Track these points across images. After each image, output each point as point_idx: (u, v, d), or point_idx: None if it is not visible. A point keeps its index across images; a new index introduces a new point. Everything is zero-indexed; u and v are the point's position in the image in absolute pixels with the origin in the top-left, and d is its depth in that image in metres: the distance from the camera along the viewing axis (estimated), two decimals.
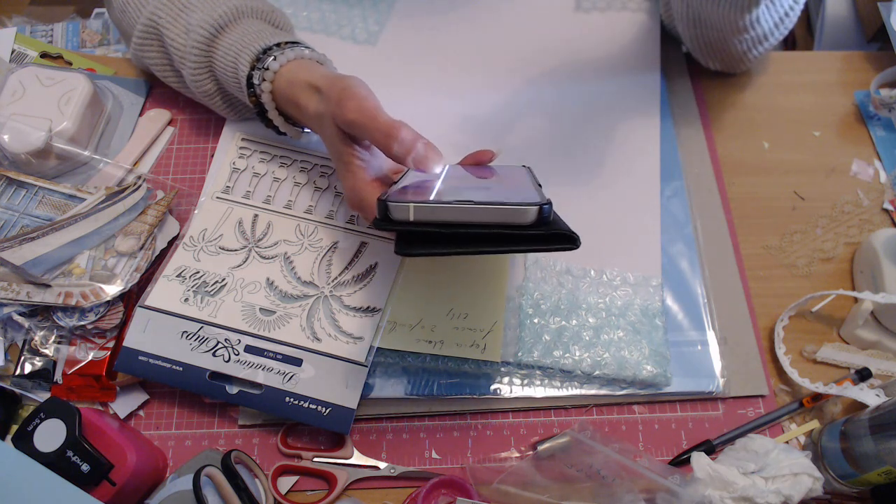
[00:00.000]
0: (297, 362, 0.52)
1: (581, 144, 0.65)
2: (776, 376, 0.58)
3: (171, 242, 0.59)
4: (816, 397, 0.55)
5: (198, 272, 0.56)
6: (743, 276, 0.61)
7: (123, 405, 0.55)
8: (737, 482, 0.48)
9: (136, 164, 0.65)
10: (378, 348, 0.53)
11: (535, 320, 0.55)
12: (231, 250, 0.57)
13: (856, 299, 0.59)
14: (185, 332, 0.53)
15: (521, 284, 0.57)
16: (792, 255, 0.63)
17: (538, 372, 0.54)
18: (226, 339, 0.53)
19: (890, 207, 0.65)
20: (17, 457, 0.44)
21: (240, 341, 0.53)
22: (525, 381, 0.55)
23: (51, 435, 0.46)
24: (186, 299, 0.54)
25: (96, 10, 0.77)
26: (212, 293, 0.55)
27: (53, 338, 0.55)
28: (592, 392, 0.55)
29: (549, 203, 0.38)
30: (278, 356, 0.52)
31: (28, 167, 0.61)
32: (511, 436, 0.55)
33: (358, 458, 0.53)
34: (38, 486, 0.43)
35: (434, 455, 0.54)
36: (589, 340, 0.55)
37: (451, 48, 0.70)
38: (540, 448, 0.53)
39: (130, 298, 0.57)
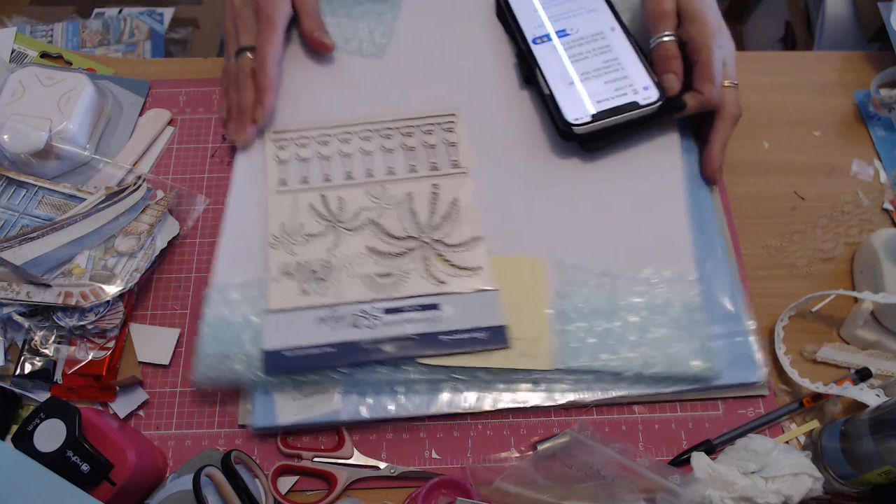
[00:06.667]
0: (435, 307, 0.54)
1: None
2: (776, 376, 0.58)
3: (172, 242, 0.59)
4: (816, 397, 0.55)
5: (300, 264, 0.56)
6: (743, 276, 0.61)
7: (123, 405, 0.55)
8: (737, 482, 0.48)
9: (136, 164, 0.65)
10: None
11: (579, 324, 0.54)
12: (318, 234, 0.57)
13: (856, 299, 0.59)
14: (320, 318, 0.54)
15: (561, 289, 0.56)
16: (792, 255, 0.63)
17: (587, 377, 0.54)
18: (362, 311, 0.54)
19: (890, 207, 0.65)
20: (17, 457, 0.44)
21: (374, 308, 0.54)
22: (573, 387, 0.54)
23: (51, 435, 0.46)
24: (304, 291, 0.55)
25: (96, 10, 0.77)
26: (324, 278, 0.55)
27: (53, 338, 0.55)
28: (622, 393, 0.54)
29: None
30: (416, 307, 0.54)
31: (28, 167, 0.61)
32: (511, 436, 0.55)
33: (358, 458, 0.53)
34: (38, 486, 0.43)
35: (434, 455, 0.54)
36: (635, 340, 0.54)
37: (457, 56, 0.69)
38: (540, 448, 0.53)
39: (130, 298, 0.57)
